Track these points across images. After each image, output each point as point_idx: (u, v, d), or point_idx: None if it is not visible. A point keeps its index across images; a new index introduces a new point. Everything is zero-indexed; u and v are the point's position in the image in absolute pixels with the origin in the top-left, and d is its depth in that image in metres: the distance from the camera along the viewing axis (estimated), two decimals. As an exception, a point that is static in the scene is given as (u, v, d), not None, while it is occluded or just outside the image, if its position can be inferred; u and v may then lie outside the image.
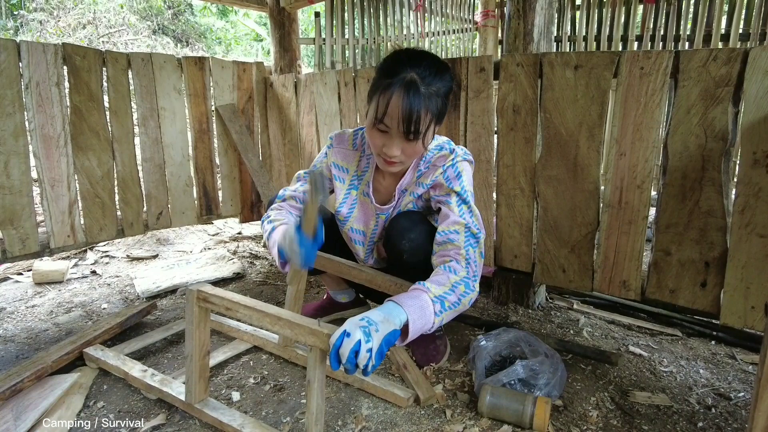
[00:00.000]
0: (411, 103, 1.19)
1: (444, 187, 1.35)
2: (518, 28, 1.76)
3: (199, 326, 1.23)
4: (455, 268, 1.25)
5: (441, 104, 1.26)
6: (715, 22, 4.24)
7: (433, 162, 1.38)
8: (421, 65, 1.23)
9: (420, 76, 1.21)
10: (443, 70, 1.27)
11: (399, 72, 1.22)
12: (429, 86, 1.22)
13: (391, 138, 1.26)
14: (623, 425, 1.26)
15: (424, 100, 1.21)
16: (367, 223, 1.52)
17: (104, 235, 2.16)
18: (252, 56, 8.52)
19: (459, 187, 1.34)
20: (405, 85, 1.20)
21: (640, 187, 1.49)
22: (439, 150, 1.39)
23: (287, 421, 1.28)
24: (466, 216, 1.32)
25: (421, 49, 1.30)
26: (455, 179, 1.34)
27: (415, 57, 1.25)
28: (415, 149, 1.28)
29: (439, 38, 5.33)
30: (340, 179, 1.51)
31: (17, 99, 1.84)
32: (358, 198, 1.51)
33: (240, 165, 2.60)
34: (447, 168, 1.35)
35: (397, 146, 1.26)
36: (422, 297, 1.14)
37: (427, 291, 1.16)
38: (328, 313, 1.83)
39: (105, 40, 6.70)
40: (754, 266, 1.32)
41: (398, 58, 1.26)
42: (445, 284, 1.20)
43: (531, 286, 1.91)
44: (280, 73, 2.90)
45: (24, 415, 1.26)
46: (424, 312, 1.12)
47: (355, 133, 1.52)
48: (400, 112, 1.20)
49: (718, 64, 1.31)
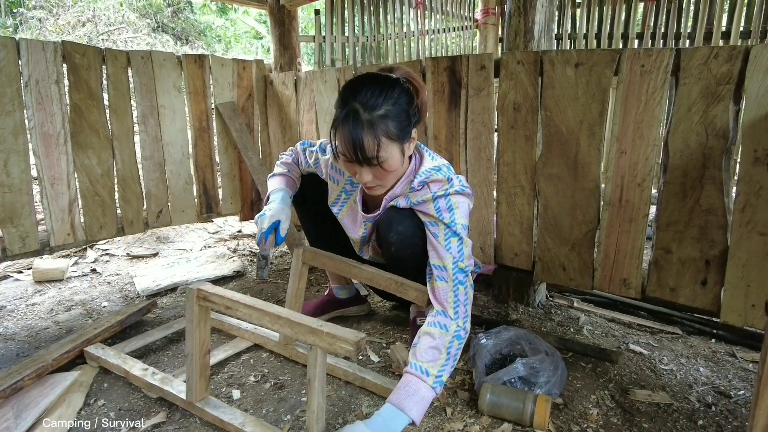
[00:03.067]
0: (355, 134, 1.21)
1: (433, 216, 1.32)
2: (519, 26, 1.76)
3: (199, 325, 1.23)
4: (446, 323, 1.25)
5: (394, 124, 1.24)
6: (716, 20, 4.23)
7: (427, 183, 1.34)
8: (362, 92, 1.23)
9: (361, 104, 1.22)
10: (387, 90, 1.25)
11: (345, 104, 1.24)
12: (372, 112, 1.22)
13: (357, 167, 1.28)
14: (623, 423, 1.27)
15: (366, 128, 1.21)
16: (355, 228, 1.57)
17: (104, 233, 2.15)
18: (252, 54, 8.50)
19: (449, 219, 1.30)
20: (347, 117, 1.22)
21: (640, 186, 1.49)
22: (435, 172, 1.34)
23: (288, 420, 1.28)
24: (453, 250, 1.29)
25: (365, 74, 1.30)
26: (446, 211, 1.31)
27: (357, 85, 1.26)
28: (383, 173, 1.28)
29: (439, 36, 5.32)
30: (335, 180, 1.54)
31: (17, 97, 1.83)
32: (349, 203, 1.55)
33: (240, 163, 2.60)
34: (438, 198, 1.31)
35: (367, 173, 1.27)
36: (420, 389, 1.16)
37: (425, 378, 1.17)
38: (329, 310, 1.83)
39: (104, 38, 6.69)
40: (755, 264, 1.32)
41: (344, 90, 1.28)
42: (440, 356, 1.21)
43: (531, 285, 1.91)
44: (280, 70, 2.89)
45: (24, 413, 1.26)
46: (425, 401, 1.16)
47: None
48: (348, 144, 1.22)
49: (719, 62, 1.30)
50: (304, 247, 1.55)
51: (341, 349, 1.02)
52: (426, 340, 1.23)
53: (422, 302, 1.38)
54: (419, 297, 1.38)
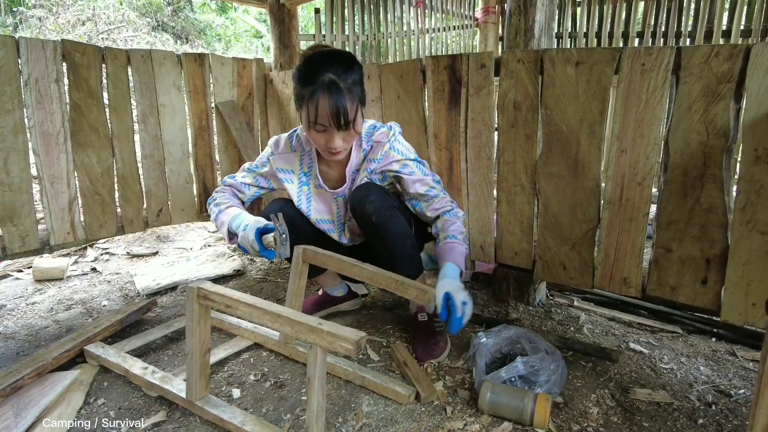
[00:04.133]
0: (337, 101, 1.36)
1: (400, 159, 1.55)
2: (519, 25, 1.75)
3: (199, 324, 1.23)
4: (455, 212, 1.61)
5: (360, 91, 1.43)
6: (717, 19, 4.23)
7: (376, 139, 1.55)
8: (332, 65, 1.38)
9: (336, 74, 1.37)
10: (351, 61, 1.43)
11: (317, 77, 1.36)
12: (346, 80, 1.38)
13: (330, 133, 1.42)
14: (623, 422, 1.26)
15: (345, 94, 1.37)
16: (329, 211, 1.67)
17: (104, 232, 2.15)
18: (252, 53, 8.50)
19: (412, 155, 1.58)
20: (327, 87, 1.35)
21: (641, 184, 1.49)
22: (374, 129, 1.57)
23: (288, 419, 1.28)
24: (427, 172, 1.59)
25: (327, 49, 1.45)
26: (406, 150, 1.57)
27: (326, 58, 1.41)
28: (351, 135, 1.45)
29: (439, 35, 5.32)
30: (288, 180, 1.64)
31: (16, 96, 1.83)
32: (312, 191, 1.64)
33: (240, 162, 2.59)
34: (393, 143, 1.55)
35: (338, 137, 1.42)
36: (462, 251, 1.54)
37: (462, 243, 1.55)
38: (326, 307, 1.87)
39: (104, 36, 6.68)
40: (755, 263, 1.32)
41: (311, 65, 1.40)
42: (462, 228, 1.59)
43: (531, 283, 1.91)
44: (280, 69, 2.89)
45: (24, 412, 1.26)
46: (464, 256, 1.55)
47: (290, 137, 1.65)
48: (330, 110, 1.36)
49: (720, 60, 1.30)
50: (304, 247, 1.54)
51: (341, 348, 1.02)
52: (449, 222, 1.58)
53: (423, 300, 1.38)
54: (420, 296, 1.38)
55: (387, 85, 2.03)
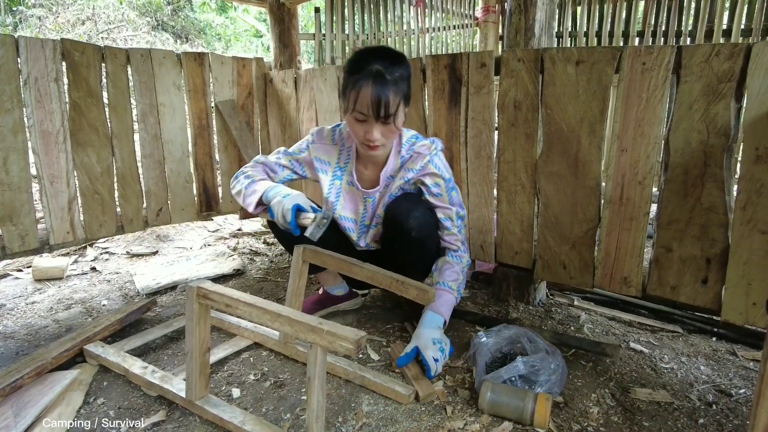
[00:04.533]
0: (380, 90, 1.36)
1: (436, 174, 1.54)
2: (519, 24, 1.75)
3: (199, 323, 1.23)
4: (460, 256, 1.61)
5: (406, 87, 1.43)
6: (717, 18, 4.22)
7: (417, 150, 1.55)
8: (381, 57, 1.40)
9: (383, 66, 1.38)
10: (401, 58, 1.44)
11: (364, 66, 1.39)
12: (393, 73, 1.39)
13: (369, 124, 1.42)
14: (624, 422, 1.26)
15: (390, 86, 1.38)
16: (355, 210, 1.66)
17: (104, 231, 2.15)
18: (252, 52, 8.49)
19: (448, 174, 1.57)
20: (372, 76, 1.37)
21: (641, 184, 1.48)
22: (416, 139, 1.58)
23: (288, 418, 1.28)
24: (454, 200, 1.58)
25: (378, 45, 1.49)
26: (443, 168, 1.56)
27: (376, 51, 1.44)
28: (391, 130, 1.45)
29: (439, 34, 5.31)
30: (323, 171, 1.64)
31: (16, 95, 1.83)
32: (343, 187, 1.64)
33: (240, 161, 2.59)
34: (434, 157, 1.54)
35: (377, 130, 1.42)
36: (450, 300, 1.55)
37: (451, 292, 1.56)
38: (326, 306, 1.87)
39: (104, 36, 6.68)
40: (756, 263, 1.31)
41: (361, 56, 1.43)
42: (458, 276, 1.58)
43: (532, 283, 1.91)
44: (280, 68, 2.88)
45: (24, 412, 1.26)
46: (450, 305, 1.56)
47: (333, 130, 1.66)
48: (371, 99, 1.37)
49: (721, 59, 1.30)
50: (304, 246, 1.54)
51: (341, 348, 1.02)
52: (448, 266, 1.59)
53: (423, 300, 1.38)
54: (420, 295, 1.37)
55: (387, 85, 2.02)
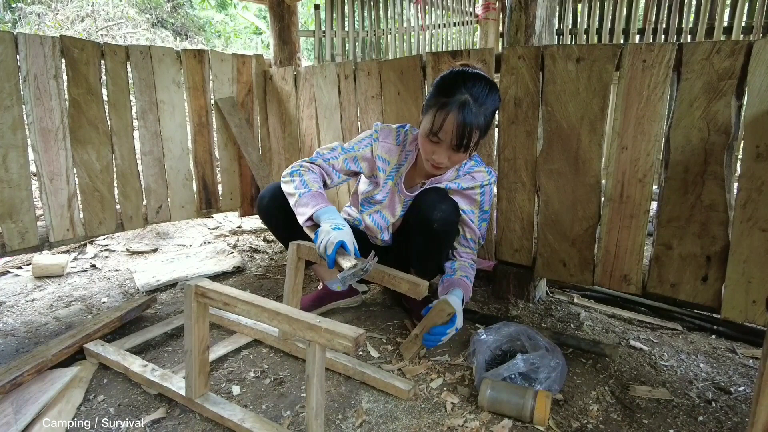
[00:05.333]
0: (465, 122, 1.35)
1: (476, 201, 1.58)
2: (520, 21, 1.75)
3: (198, 321, 1.23)
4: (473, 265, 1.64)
5: (488, 120, 1.42)
6: (718, 15, 4.21)
7: (472, 174, 1.57)
8: (475, 86, 1.38)
9: (473, 97, 1.36)
10: (493, 90, 1.42)
11: (455, 92, 1.37)
12: (481, 106, 1.37)
13: (441, 148, 1.42)
14: (623, 419, 1.26)
15: (476, 119, 1.36)
16: (393, 211, 1.67)
17: (103, 228, 2.15)
18: (251, 49, 8.48)
19: (487, 207, 1.60)
20: (460, 105, 1.35)
21: (641, 181, 1.48)
22: (477, 164, 1.59)
23: (288, 415, 1.28)
24: (482, 230, 1.63)
25: (475, 71, 1.43)
26: (488, 200, 1.60)
27: (471, 78, 1.40)
28: (460, 158, 1.45)
29: (439, 31, 5.30)
30: (382, 170, 1.63)
31: (15, 92, 1.82)
32: (391, 188, 1.65)
33: (240, 158, 2.59)
34: (485, 187, 1.57)
35: (446, 155, 1.43)
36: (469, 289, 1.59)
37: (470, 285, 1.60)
38: (325, 303, 1.85)
39: (104, 33, 6.66)
40: (756, 261, 1.31)
41: (455, 79, 1.41)
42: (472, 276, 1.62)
43: (531, 280, 1.90)
44: (280, 65, 2.88)
45: (24, 409, 1.26)
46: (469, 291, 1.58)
47: (398, 130, 1.65)
48: (455, 129, 1.36)
49: (722, 56, 1.29)
50: (299, 243, 1.53)
51: (339, 346, 1.02)
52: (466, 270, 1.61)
53: (416, 294, 1.36)
54: (411, 289, 1.36)
55: (387, 82, 2.02)
